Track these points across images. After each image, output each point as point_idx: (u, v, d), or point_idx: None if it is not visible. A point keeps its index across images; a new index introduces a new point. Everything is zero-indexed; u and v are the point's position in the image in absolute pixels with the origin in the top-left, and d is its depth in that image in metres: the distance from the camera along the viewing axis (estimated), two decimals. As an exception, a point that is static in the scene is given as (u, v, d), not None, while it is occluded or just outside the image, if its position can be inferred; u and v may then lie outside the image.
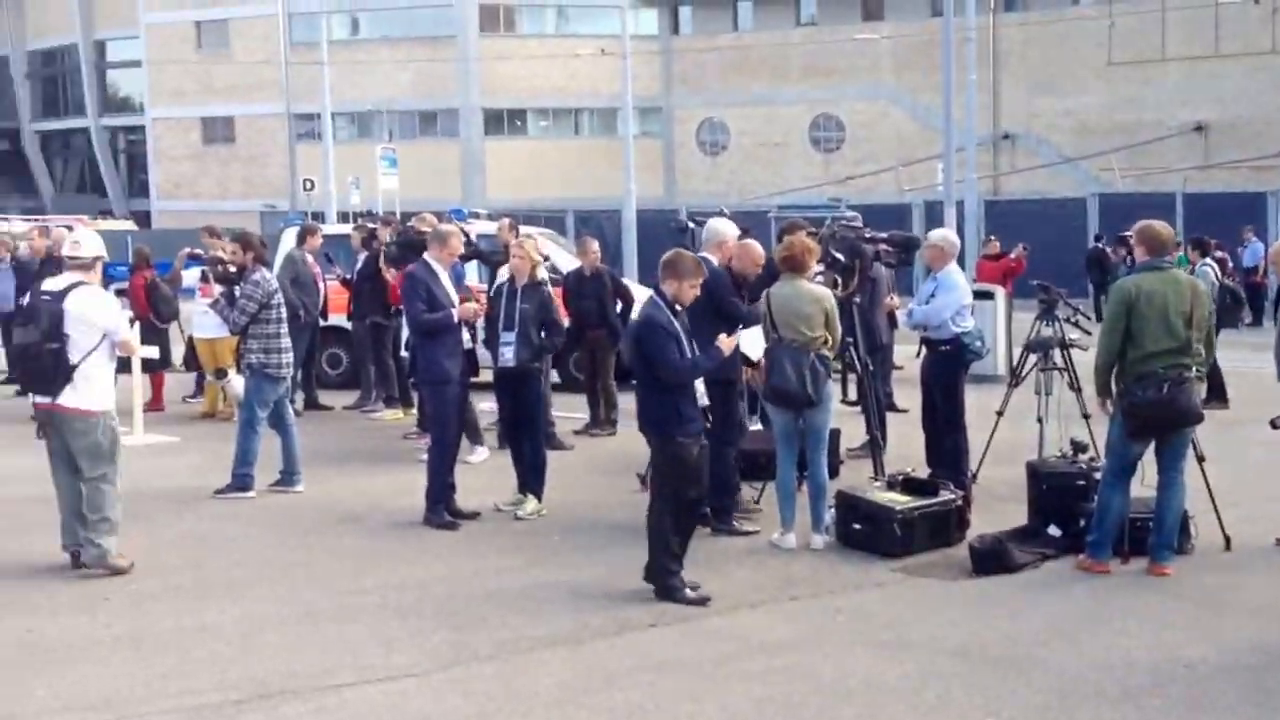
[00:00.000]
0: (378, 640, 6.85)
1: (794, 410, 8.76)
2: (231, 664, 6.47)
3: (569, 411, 13.72)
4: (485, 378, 11.00)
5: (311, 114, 53.21)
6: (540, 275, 10.29)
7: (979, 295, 14.41)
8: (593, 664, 6.56)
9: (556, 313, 10.34)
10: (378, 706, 5.97)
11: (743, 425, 9.53)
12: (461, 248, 10.64)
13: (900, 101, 52.41)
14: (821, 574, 8.17)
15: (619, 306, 13.65)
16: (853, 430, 11.16)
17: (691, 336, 7.64)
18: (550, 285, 10.56)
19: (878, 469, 9.92)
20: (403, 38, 57.78)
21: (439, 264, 9.86)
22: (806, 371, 8.50)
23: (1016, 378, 11.13)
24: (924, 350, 10.33)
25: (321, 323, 15.13)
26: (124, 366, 13.63)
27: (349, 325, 15.44)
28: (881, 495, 8.78)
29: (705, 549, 8.38)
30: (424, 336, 9.75)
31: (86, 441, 7.99)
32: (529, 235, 12.30)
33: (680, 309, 7.64)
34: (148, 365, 13.81)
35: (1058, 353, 10.84)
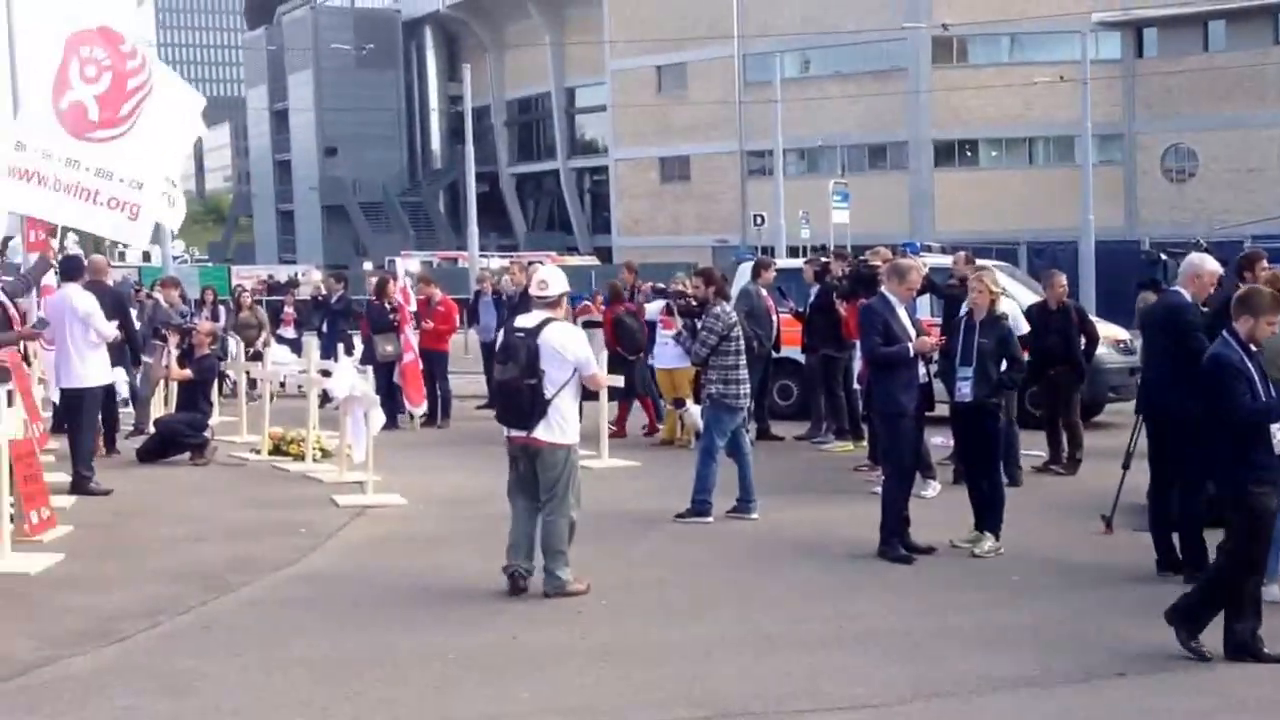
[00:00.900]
0: (833, 669, 6.91)
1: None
2: (695, 681, 6.70)
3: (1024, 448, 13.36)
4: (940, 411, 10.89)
5: (763, 150, 54.57)
6: (1000, 309, 10.10)
7: None
8: (1058, 710, 6.37)
9: (1017, 348, 10.10)
10: (836, 734, 6.05)
11: None
12: (920, 283, 10.60)
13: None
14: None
15: (1083, 343, 13.20)
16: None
17: (1265, 378, 6.99)
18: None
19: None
20: (853, 73, 58.28)
21: (896, 298, 9.88)
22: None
23: None
24: None
25: (774, 354, 15.43)
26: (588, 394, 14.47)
27: (801, 357, 15.68)
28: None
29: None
30: (880, 369, 9.78)
31: (555, 474, 8.29)
32: (985, 268, 12.10)
33: (1255, 348, 7.03)
34: (613, 393, 14.54)
35: None
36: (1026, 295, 14.92)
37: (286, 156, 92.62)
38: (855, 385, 13.69)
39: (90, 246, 28.47)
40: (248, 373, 16.54)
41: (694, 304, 11.29)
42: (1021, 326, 12.03)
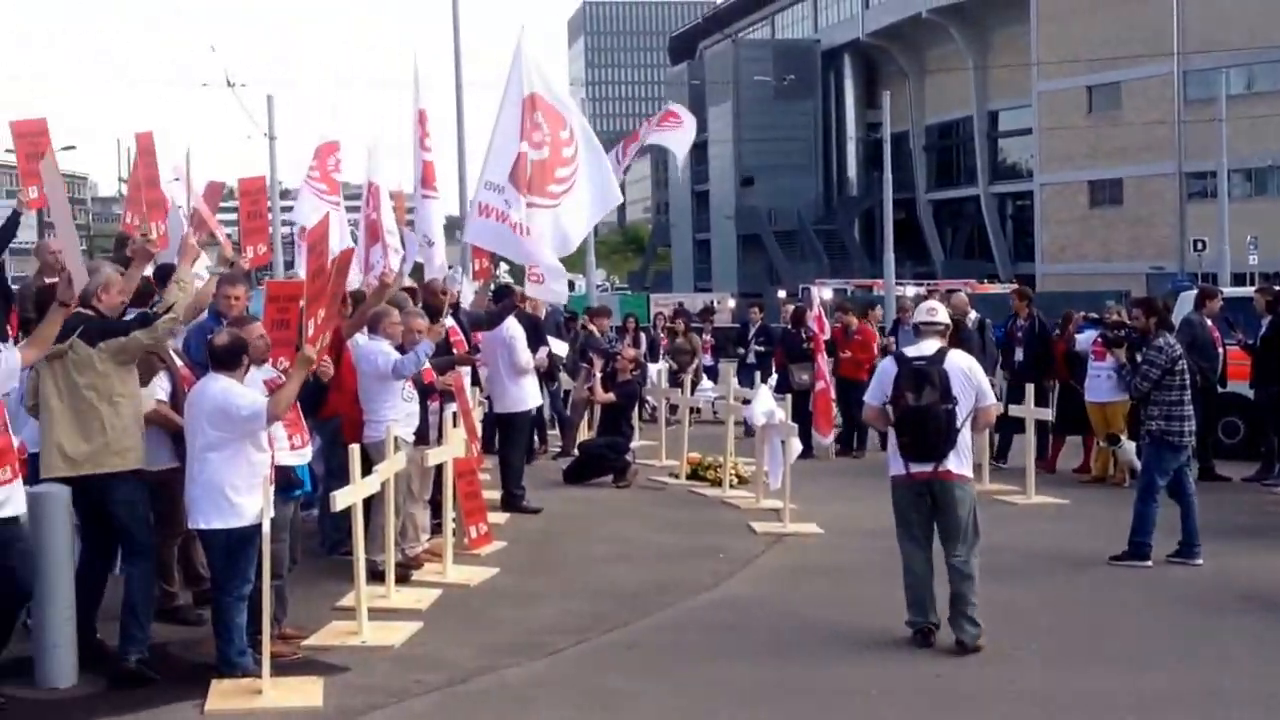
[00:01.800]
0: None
1: None
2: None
3: None
4: None
5: (1203, 172, 51.41)
6: None
7: None
8: None
9: None
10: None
11: None
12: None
13: None
14: None
15: None
16: None
17: None
18: None
19: None
20: (1304, 88, 54.03)
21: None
22: None
23: None
24: None
25: (1220, 389, 14.40)
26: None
27: (1249, 392, 14.56)
28: None
29: None
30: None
31: (963, 511, 7.84)
32: None
33: None
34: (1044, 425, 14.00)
35: None
36: None
37: (704, 187, 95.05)
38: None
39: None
40: (668, 398, 16.90)
41: (1133, 335, 10.63)
42: None
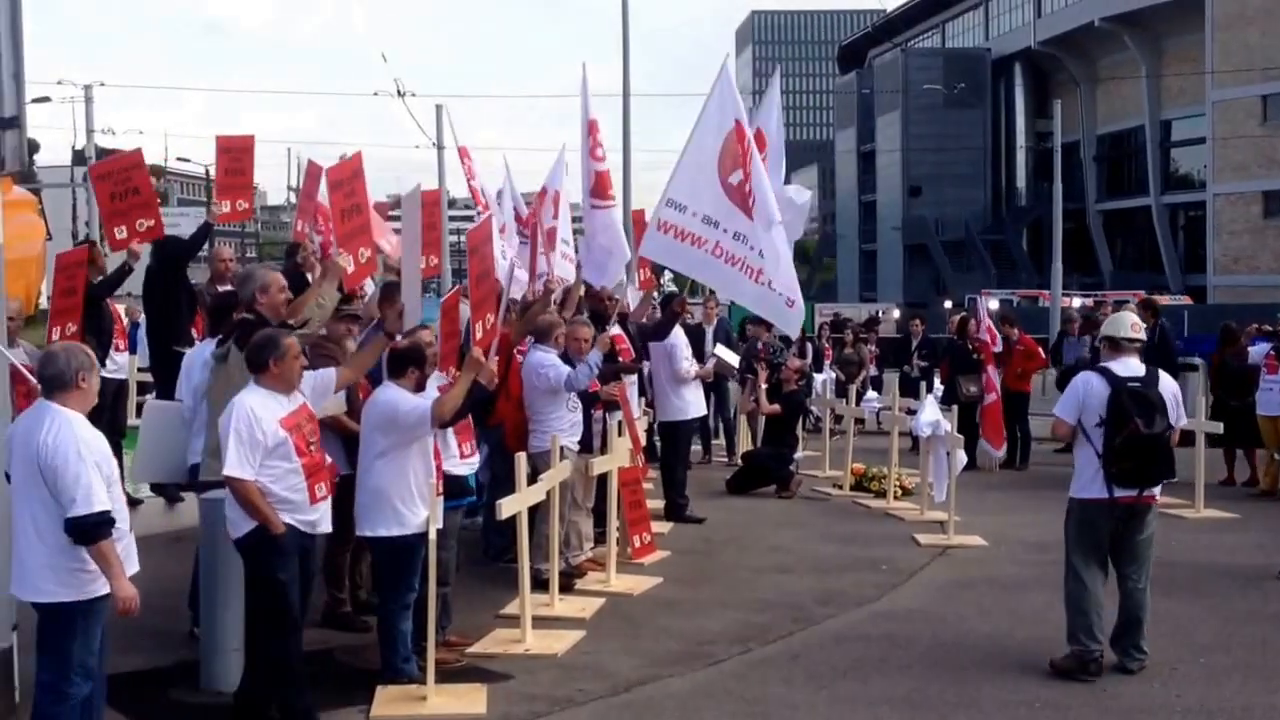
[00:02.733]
0: None
1: None
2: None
3: None
4: None
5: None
6: None
7: None
8: None
9: None
10: None
11: None
12: None
13: None
14: None
15: None
16: None
17: None
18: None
19: None
20: None
21: None
22: None
23: None
24: None
25: None
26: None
27: None
28: None
29: None
30: None
31: (1149, 534, 7.70)
32: None
33: None
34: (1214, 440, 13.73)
35: None
36: None
37: (871, 197, 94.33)
38: None
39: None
40: (832, 409, 16.94)
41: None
42: None
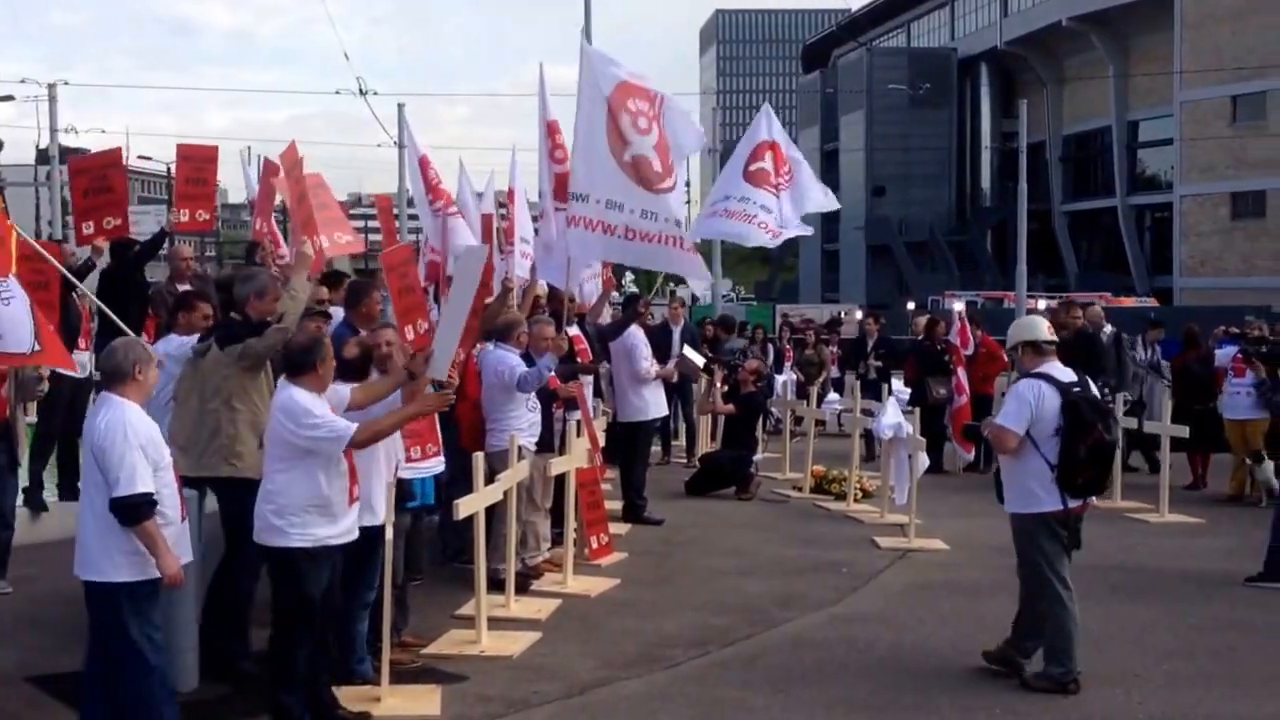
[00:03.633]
0: None
1: None
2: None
3: None
4: None
5: None
6: None
7: None
8: None
9: None
10: None
11: None
12: None
13: None
14: None
15: None
16: None
17: None
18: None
19: None
20: None
21: None
22: None
23: None
24: None
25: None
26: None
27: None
28: None
29: None
30: None
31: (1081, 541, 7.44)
32: None
33: None
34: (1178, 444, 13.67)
35: None
36: None
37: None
38: None
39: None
40: (793, 410, 16.80)
41: (1275, 350, 10.34)
42: None
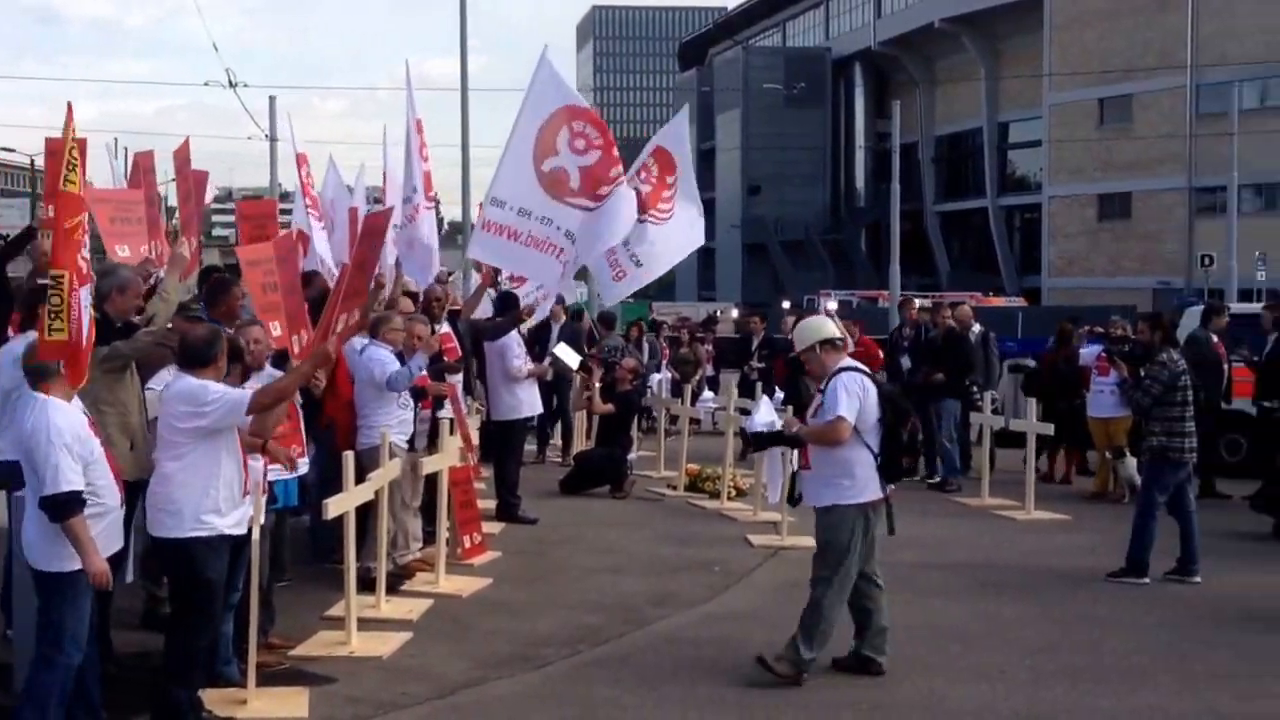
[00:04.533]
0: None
1: None
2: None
3: None
4: None
5: (1214, 186, 51.11)
6: None
7: None
8: None
9: None
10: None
11: None
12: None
13: None
14: None
15: None
16: None
17: None
18: None
19: None
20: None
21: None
22: None
23: None
24: None
25: (1224, 406, 14.32)
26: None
27: (1253, 409, 14.46)
28: None
29: None
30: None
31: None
32: None
33: None
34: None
35: None
36: None
37: (710, 195, 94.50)
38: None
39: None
40: (668, 409, 16.83)
41: (1138, 349, 10.59)
42: None
